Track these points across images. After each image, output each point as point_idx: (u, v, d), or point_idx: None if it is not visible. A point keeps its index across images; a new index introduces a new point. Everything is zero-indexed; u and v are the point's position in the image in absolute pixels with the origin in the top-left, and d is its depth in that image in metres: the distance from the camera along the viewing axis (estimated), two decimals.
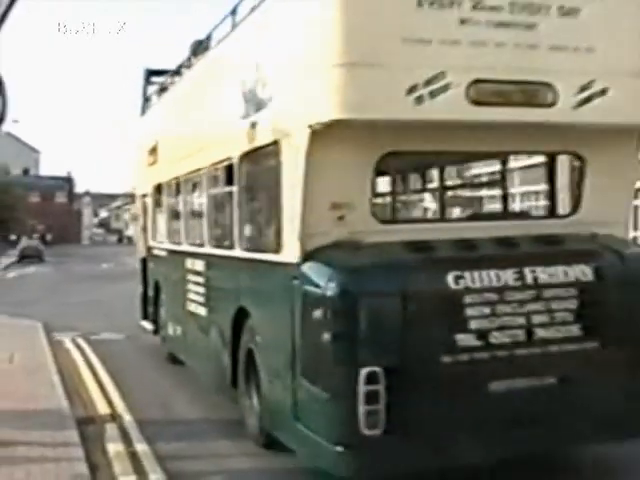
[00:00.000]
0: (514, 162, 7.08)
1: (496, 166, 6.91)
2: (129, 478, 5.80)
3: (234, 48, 7.34)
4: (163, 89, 10.92)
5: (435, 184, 7.64)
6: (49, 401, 7.82)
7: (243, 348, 6.66)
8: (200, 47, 8.39)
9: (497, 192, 7.27)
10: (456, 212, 6.86)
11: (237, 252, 6.87)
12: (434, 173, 7.62)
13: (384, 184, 6.12)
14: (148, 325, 11.37)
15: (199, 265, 8.27)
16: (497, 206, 7.10)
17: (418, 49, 5.11)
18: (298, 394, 5.40)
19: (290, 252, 5.52)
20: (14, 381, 8.79)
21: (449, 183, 7.37)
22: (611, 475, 5.87)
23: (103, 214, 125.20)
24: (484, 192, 7.60)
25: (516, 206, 6.84)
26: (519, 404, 5.19)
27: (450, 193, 7.22)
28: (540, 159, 6.48)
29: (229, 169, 7.11)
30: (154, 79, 11.58)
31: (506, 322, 5.20)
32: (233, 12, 7.17)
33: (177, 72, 10.03)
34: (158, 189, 10.72)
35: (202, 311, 8.14)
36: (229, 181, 7.15)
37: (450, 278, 5.10)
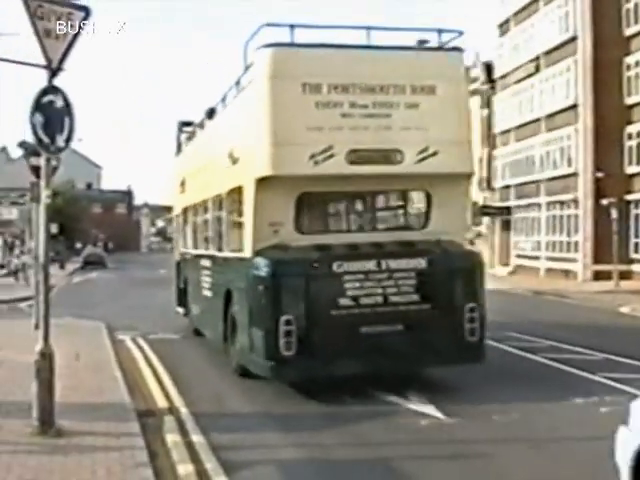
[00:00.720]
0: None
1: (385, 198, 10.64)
2: (186, 466, 6.19)
3: (222, 124, 11.34)
4: (189, 138, 14.91)
5: (339, 209, 11.34)
6: (112, 395, 8.38)
7: (230, 316, 10.38)
8: (210, 114, 12.28)
9: (385, 214, 10.96)
10: (352, 226, 10.58)
11: (225, 253, 10.70)
12: (337, 202, 11.28)
13: (305, 209, 9.76)
14: (181, 310, 15.24)
15: (207, 262, 12.14)
16: (384, 222, 10.77)
17: (316, 133, 8.83)
18: (252, 336, 9.11)
19: (248, 251, 9.26)
20: (81, 376, 9.35)
21: (349, 208, 11.08)
22: (440, 386, 9.37)
23: (160, 224, 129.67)
24: (378, 214, 11.19)
25: (401, 222, 10.48)
26: (379, 341, 8.79)
27: (351, 215, 10.95)
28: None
29: (220, 200, 11.00)
30: (185, 129, 15.50)
31: (370, 292, 8.84)
32: (223, 100, 11.05)
33: (197, 127, 13.96)
34: (185, 211, 14.77)
35: (209, 294, 11.98)
36: (220, 208, 11.05)
37: (335, 265, 8.76)
